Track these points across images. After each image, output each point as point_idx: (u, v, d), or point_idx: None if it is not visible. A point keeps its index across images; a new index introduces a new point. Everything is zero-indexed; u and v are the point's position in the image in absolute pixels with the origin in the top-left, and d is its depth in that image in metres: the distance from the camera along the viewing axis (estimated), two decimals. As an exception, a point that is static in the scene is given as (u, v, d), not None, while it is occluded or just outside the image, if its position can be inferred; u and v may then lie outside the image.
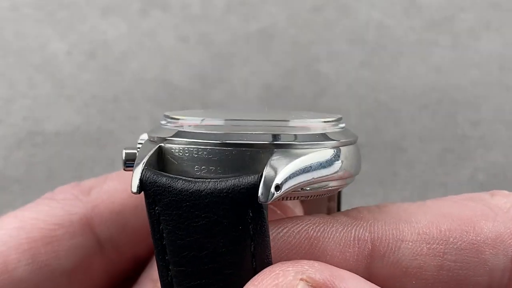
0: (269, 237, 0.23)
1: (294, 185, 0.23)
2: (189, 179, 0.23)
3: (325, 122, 0.25)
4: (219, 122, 0.24)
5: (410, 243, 0.24)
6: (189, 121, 0.24)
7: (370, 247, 0.24)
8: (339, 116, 0.26)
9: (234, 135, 0.23)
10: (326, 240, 0.24)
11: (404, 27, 0.48)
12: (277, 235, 0.24)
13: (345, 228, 0.24)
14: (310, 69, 0.48)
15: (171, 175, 0.23)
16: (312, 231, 0.24)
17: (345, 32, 0.48)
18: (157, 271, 0.26)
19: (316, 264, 0.22)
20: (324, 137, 0.24)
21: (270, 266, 0.22)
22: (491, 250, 0.24)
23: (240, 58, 0.48)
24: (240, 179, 0.22)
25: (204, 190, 0.22)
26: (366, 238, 0.24)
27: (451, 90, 0.48)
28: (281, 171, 0.22)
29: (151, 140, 0.25)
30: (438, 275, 0.24)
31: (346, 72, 0.48)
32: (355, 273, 0.24)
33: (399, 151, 0.48)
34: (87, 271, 0.30)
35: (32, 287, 0.29)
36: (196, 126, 0.24)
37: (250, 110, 0.30)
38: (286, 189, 0.22)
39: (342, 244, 0.24)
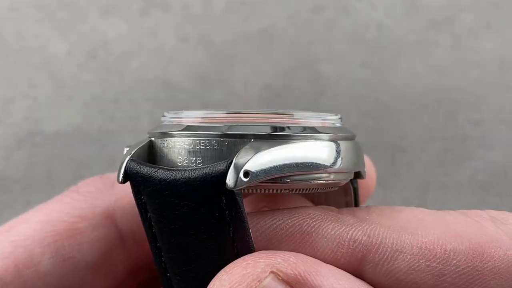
0: (247, 223, 0.23)
1: (266, 173, 0.22)
2: (169, 168, 0.23)
3: (319, 119, 0.25)
4: (198, 115, 0.25)
5: (408, 256, 0.23)
6: (179, 116, 0.25)
7: (364, 252, 0.23)
8: (338, 115, 0.26)
9: (216, 128, 0.24)
10: (319, 237, 0.23)
11: (404, 27, 0.48)
12: (271, 226, 0.24)
13: (343, 228, 0.24)
14: (310, 69, 0.48)
15: (153, 166, 0.24)
16: (306, 226, 0.24)
17: (345, 32, 0.48)
18: None
19: (293, 257, 0.22)
20: (312, 130, 0.24)
21: (246, 255, 0.22)
22: (496, 280, 0.23)
23: (240, 58, 0.48)
24: (212, 167, 0.22)
25: (180, 179, 0.23)
26: (362, 241, 0.23)
27: (451, 90, 0.48)
28: (252, 158, 0.22)
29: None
30: None
31: (346, 72, 0.48)
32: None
33: (399, 151, 0.48)
34: (110, 264, 0.30)
35: (56, 280, 0.29)
36: (186, 120, 0.25)
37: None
38: (257, 176, 0.22)
39: (335, 243, 0.23)
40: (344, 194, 0.28)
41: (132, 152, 0.24)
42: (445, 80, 0.48)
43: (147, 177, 0.23)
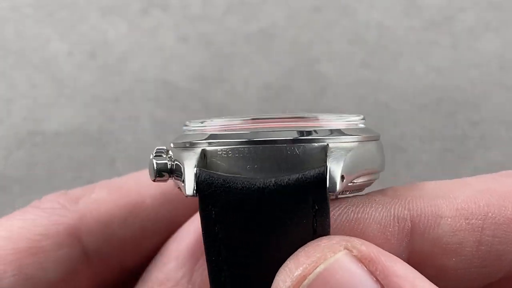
0: (329, 229, 0.23)
1: (354, 175, 0.23)
2: (250, 178, 0.22)
3: (348, 120, 0.25)
4: (248, 122, 0.24)
5: (449, 219, 0.24)
6: (226, 123, 0.25)
7: (410, 225, 0.24)
8: (361, 116, 0.26)
9: (285, 132, 0.23)
10: (367, 221, 0.24)
11: (404, 27, 0.48)
12: None
13: (384, 207, 0.24)
14: (310, 69, 0.48)
15: (230, 175, 0.23)
16: (352, 213, 0.24)
17: (345, 32, 0.48)
18: (147, 285, 0.26)
19: (365, 241, 0.22)
20: (364, 131, 0.25)
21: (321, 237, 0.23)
22: None
23: (240, 58, 0.48)
24: (306, 174, 0.22)
25: (268, 187, 0.22)
26: (405, 216, 0.24)
27: (451, 90, 0.48)
28: (344, 162, 0.22)
29: (184, 147, 0.24)
30: (477, 250, 0.24)
31: (346, 72, 0.48)
32: (396, 252, 0.24)
33: (399, 151, 0.48)
34: (73, 281, 0.29)
35: None
36: (234, 127, 0.24)
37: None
38: (349, 179, 0.23)
39: (382, 224, 0.24)
40: None
41: (196, 162, 0.23)
42: (445, 80, 0.48)
43: (225, 187, 0.22)
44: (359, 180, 0.24)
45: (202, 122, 0.25)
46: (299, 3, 0.48)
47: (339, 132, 0.24)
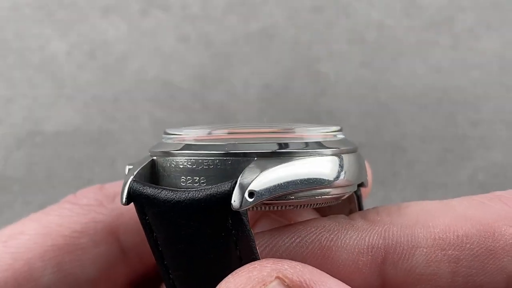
0: (253, 241, 0.22)
1: (271, 192, 0.22)
2: (172, 189, 0.23)
3: (320, 132, 0.25)
4: (199, 132, 0.24)
5: (425, 249, 0.23)
6: (182, 134, 0.25)
7: (383, 254, 0.24)
8: (339, 127, 0.26)
9: (219, 146, 0.23)
10: (339, 249, 0.23)
11: (404, 27, 0.48)
12: (290, 244, 0.24)
13: (360, 235, 0.24)
14: (310, 69, 0.48)
15: (156, 186, 0.23)
16: (325, 241, 0.23)
17: (345, 32, 0.48)
18: None
19: (300, 266, 0.21)
20: (314, 145, 0.24)
21: (254, 261, 0.22)
22: (509, 257, 0.24)
23: (240, 58, 0.48)
24: (215, 188, 0.22)
25: (184, 200, 0.22)
26: (380, 245, 0.24)
27: (451, 90, 0.48)
28: (257, 177, 0.22)
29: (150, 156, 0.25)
30: (453, 281, 0.24)
31: (346, 72, 0.48)
32: (368, 281, 0.23)
33: (399, 151, 0.48)
34: (110, 278, 0.30)
35: None
36: (189, 139, 0.24)
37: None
38: (262, 196, 0.22)
39: (355, 253, 0.23)
40: (348, 202, 0.28)
41: (135, 173, 0.24)
42: (445, 80, 0.48)
43: (151, 198, 0.23)
44: (300, 195, 0.23)
45: (178, 132, 0.25)
46: (299, 3, 0.48)
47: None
